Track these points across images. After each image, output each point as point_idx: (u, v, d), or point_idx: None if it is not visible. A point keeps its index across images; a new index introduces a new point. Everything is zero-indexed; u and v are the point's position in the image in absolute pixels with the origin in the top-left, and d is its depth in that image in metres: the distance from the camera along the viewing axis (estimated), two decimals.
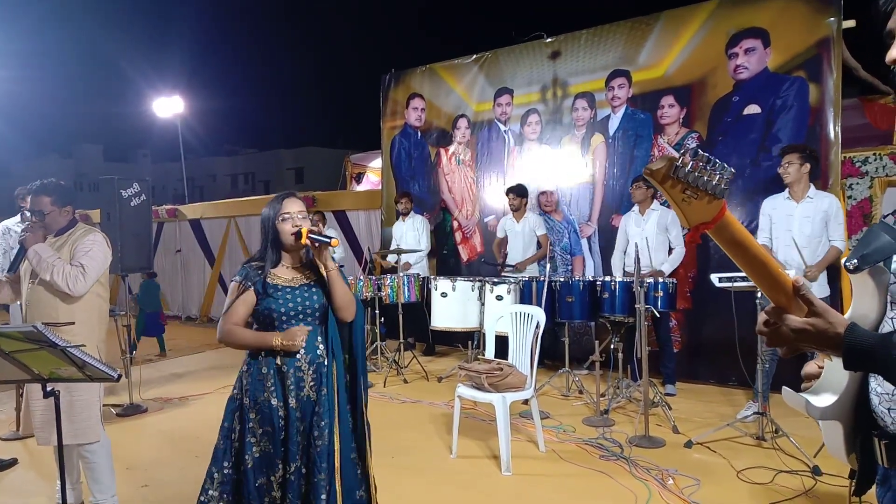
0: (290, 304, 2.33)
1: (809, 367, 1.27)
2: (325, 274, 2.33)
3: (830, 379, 1.21)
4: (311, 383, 2.30)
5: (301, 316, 2.34)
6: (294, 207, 2.37)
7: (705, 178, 0.96)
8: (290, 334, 2.28)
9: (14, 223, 4.87)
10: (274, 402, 2.28)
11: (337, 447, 2.26)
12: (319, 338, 2.36)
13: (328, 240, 2.27)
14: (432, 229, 7.19)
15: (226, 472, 2.30)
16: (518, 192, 6.03)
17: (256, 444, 2.28)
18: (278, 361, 2.32)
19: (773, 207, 4.44)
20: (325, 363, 2.33)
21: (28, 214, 2.97)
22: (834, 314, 1.05)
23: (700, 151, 0.97)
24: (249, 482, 2.25)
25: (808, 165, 4.26)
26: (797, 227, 4.27)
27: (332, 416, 2.27)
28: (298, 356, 2.30)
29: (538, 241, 6.08)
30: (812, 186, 4.33)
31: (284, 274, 2.38)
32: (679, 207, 1.00)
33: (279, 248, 2.39)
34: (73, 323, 2.91)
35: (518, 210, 6.04)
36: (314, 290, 2.36)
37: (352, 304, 2.36)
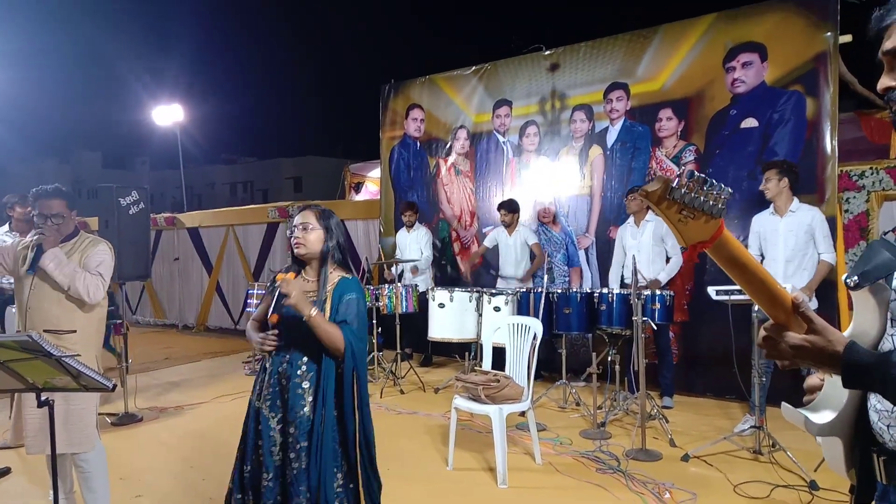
0: (283, 312, 2.33)
1: (812, 380, 1.27)
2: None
3: (830, 395, 1.21)
4: (287, 399, 2.30)
5: (293, 329, 2.31)
6: (298, 220, 2.39)
7: (702, 198, 0.96)
8: (261, 336, 2.34)
9: (2, 232, 4.76)
10: (256, 403, 2.36)
11: (311, 473, 2.23)
12: (305, 357, 2.32)
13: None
14: (436, 243, 7.19)
15: (235, 458, 2.42)
16: (509, 207, 6.04)
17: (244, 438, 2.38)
18: (267, 367, 2.36)
19: (761, 224, 4.49)
20: (303, 385, 2.29)
21: (36, 219, 2.94)
22: (833, 332, 1.05)
23: (696, 173, 0.97)
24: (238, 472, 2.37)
25: (786, 180, 4.30)
26: (782, 242, 4.31)
27: (309, 440, 2.25)
28: (279, 370, 2.31)
29: (531, 251, 6.09)
30: (795, 200, 4.37)
31: (296, 283, 2.38)
32: (675, 227, 1.00)
33: (295, 259, 2.43)
34: (75, 331, 2.92)
35: (510, 225, 6.07)
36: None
37: (335, 344, 2.24)
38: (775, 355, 1.09)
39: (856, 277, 1.15)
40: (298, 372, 2.30)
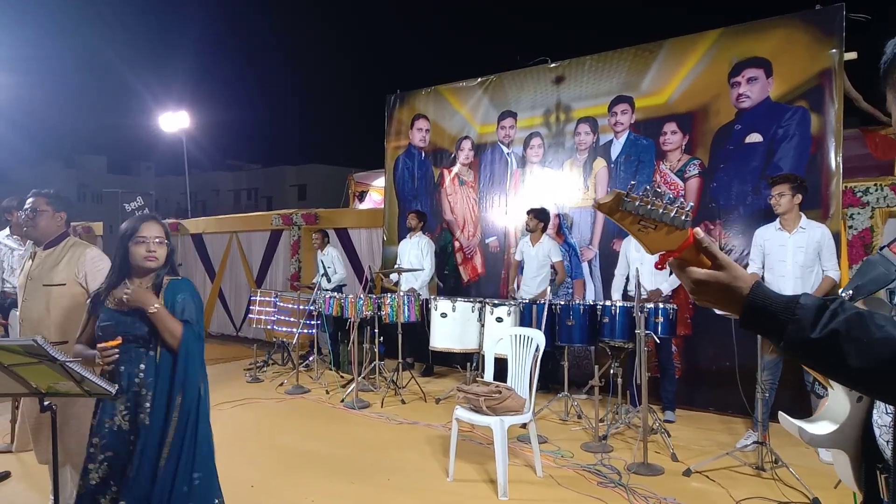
0: (112, 326, 2.31)
1: None
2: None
3: (833, 408, 1.23)
4: (124, 412, 2.28)
5: (123, 340, 2.31)
6: (151, 232, 2.36)
7: (660, 210, 0.98)
8: (98, 350, 2.25)
9: (3, 236, 4.80)
10: (93, 422, 2.33)
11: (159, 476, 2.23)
12: (142, 365, 2.31)
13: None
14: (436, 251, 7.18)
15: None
16: (537, 214, 5.89)
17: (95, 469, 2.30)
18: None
19: (766, 238, 4.45)
20: (144, 392, 2.28)
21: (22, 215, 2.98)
22: (739, 269, 1.02)
23: (648, 187, 0.99)
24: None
25: (799, 196, 4.27)
26: (791, 258, 4.28)
27: (154, 443, 2.25)
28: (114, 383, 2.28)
29: (552, 267, 5.92)
30: (803, 216, 4.33)
31: (118, 294, 2.36)
32: (636, 237, 1.02)
33: (126, 269, 2.39)
34: (66, 342, 2.91)
35: (534, 232, 5.93)
36: (140, 315, 2.31)
37: (175, 341, 2.29)
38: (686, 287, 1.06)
39: (850, 291, 1.16)
40: (136, 380, 2.30)
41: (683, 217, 0.98)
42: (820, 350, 0.93)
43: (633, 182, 1.02)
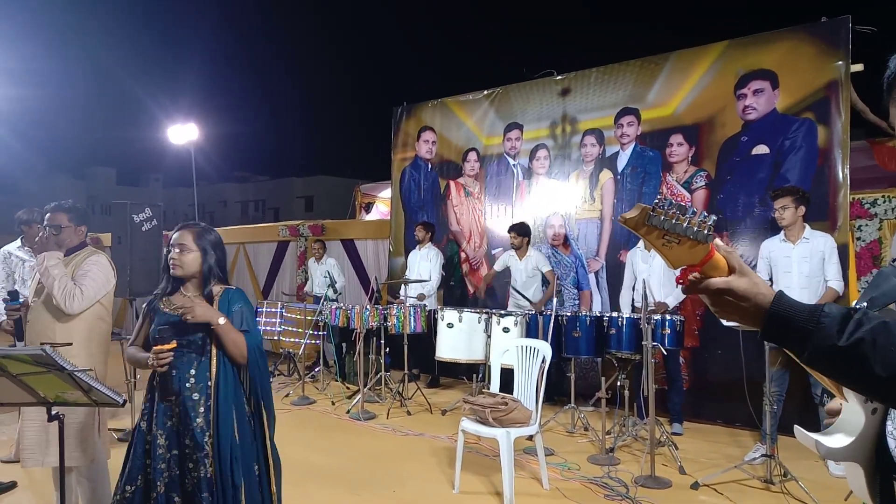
0: (168, 330, 2.31)
1: (833, 404, 1.27)
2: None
3: (847, 420, 1.21)
4: (179, 413, 2.31)
5: (177, 345, 2.32)
6: (175, 240, 2.39)
7: (684, 224, 0.98)
8: (152, 352, 2.27)
9: (14, 248, 4.83)
10: (143, 424, 2.35)
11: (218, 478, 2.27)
12: (193, 371, 2.33)
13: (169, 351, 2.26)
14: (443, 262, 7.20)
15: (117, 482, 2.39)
16: (519, 230, 5.96)
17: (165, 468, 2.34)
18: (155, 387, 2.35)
19: (771, 249, 4.47)
20: (196, 396, 2.31)
21: (42, 230, 3.01)
22: (760, 279, 1.03)
23: (674, 201, 0.99)
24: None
25: (802, 208, 4.30)
26: (796, 269, 4.29)
27: (207, 447, 2.28)
28: (167, 387, 2.29)
29: (543, 277, 6.02)
30: (807, 227, 4.36)
31: (177, 301, 2.39)
32: (660, 251, 1.02)
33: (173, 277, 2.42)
34: (71, 344, 2.93)
35: (520, 248, 5.99)
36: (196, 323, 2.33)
37: (241, 351, 2.33)
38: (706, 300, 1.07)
39: (864, 304, 1.15)
40: (187, 385, 2.32)
41: (706, 231, 0.99)
42: (846, 359, 0.93)
43: (659, 196, 1.02)
